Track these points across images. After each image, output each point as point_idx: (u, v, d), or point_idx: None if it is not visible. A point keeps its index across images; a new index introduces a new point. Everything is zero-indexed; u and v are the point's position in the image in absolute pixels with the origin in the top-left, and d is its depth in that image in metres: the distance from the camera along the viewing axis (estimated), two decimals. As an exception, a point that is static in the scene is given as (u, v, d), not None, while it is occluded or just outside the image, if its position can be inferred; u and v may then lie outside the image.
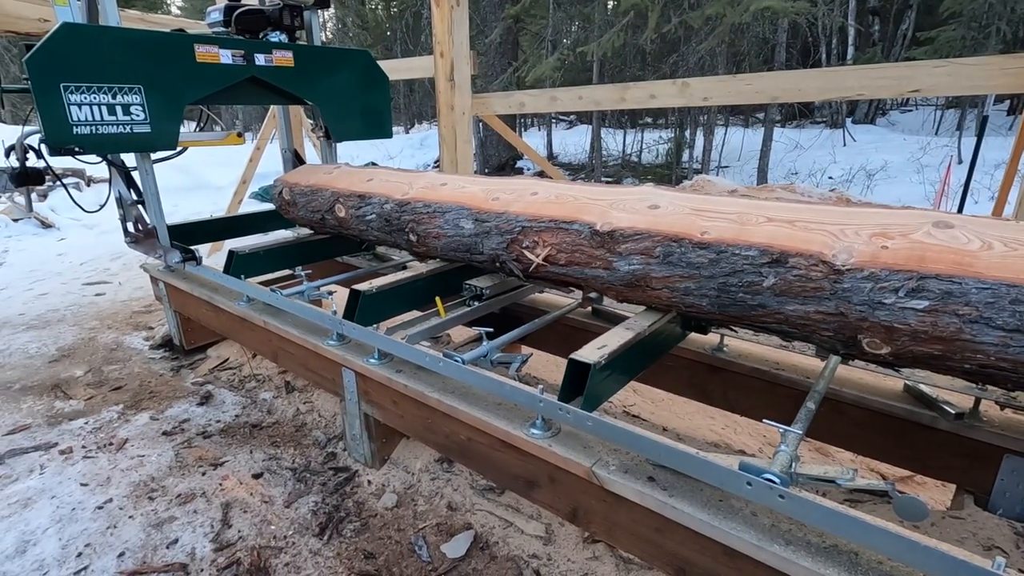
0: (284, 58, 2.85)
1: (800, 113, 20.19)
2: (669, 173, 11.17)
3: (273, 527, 1.77)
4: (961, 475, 1.58)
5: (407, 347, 1.72)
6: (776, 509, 1.06)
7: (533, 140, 20.02)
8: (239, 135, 3.04)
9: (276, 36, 2.99)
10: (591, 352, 1.39)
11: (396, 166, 3.76)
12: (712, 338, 1.98)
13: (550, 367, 2.73)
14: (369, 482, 1.99)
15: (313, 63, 2.99)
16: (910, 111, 19.71)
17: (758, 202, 1.48)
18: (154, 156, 2.64)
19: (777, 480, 1.05)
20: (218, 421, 2.40)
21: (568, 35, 8.78)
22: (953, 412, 1.51)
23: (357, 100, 3.24)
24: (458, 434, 1.65)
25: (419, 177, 2.28)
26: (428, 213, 2.06)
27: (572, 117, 21.88)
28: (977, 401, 1.53)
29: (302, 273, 2.43)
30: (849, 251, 1.21)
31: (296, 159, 3.60)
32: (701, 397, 2.05)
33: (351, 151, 14.98)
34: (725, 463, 1.12)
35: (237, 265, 2.54)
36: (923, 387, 1.62)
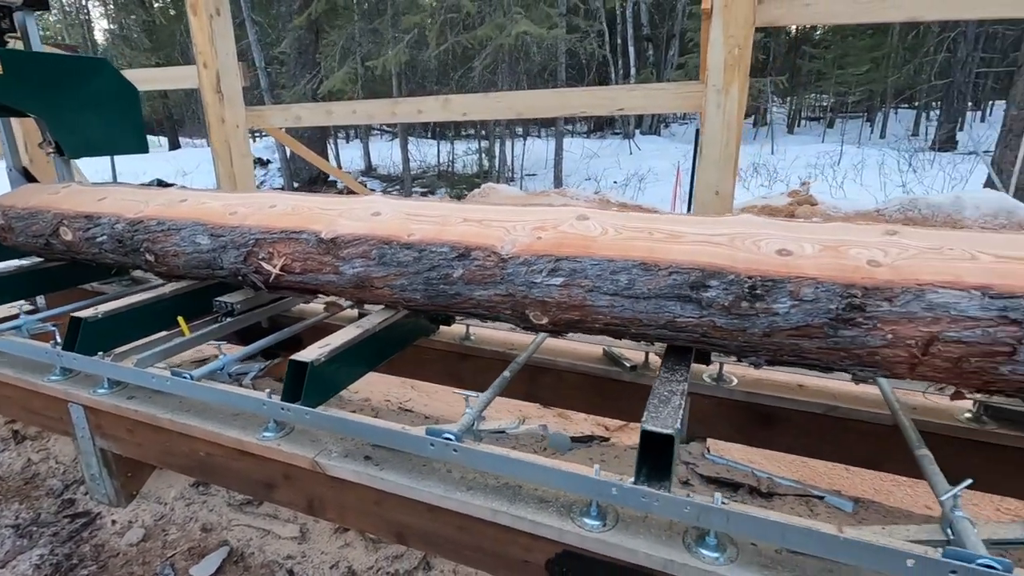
0: (-13, 64, 2.49)
1: (604, 125, 22.53)
2: (481, 181, 11.76)
3: (-20, 593, 1.57)
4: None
5: (133, 371, 1.65)
6: (454, 462, 1.26)
7: (351, 152, 19.60)
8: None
9: (-23, 39, 2.60)
10: (312, 352, 1.48)
11: (188, 184, 3.47)
12: (460, 329, 2.21)
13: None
14: (113, 522, 1.85)
15: (31, 71, 2.66)
16: (686, 124, 23.11)
17: (462, 205, 1.71)
18: None
19: (452, 437, 1.25)
20: (-85, 490, 2.03)
21: (362, 48, 8.84)
22: (629, 365, 1.89)
23: (95, 112, 2.95)
24: (197, 451, 1.63)
25: (158, 194, 2.18)
26: (163, 231, 1.98)
27: (396, 128, 21.84)
28: (646, 355, 1.94)
29: (24, 306, 2.17)
30: (514, 242, 1.48)
31: (27, 178, 3.14)
32: (457, 384, 2.26)
33: (136, 168, 13.20)
34: (415, 431, 1.30)
35: (-68, 304, 2.17)
36: (614, 349, 2.00)
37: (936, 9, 2.17)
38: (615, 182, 10.74)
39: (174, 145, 24.29)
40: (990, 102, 21.40)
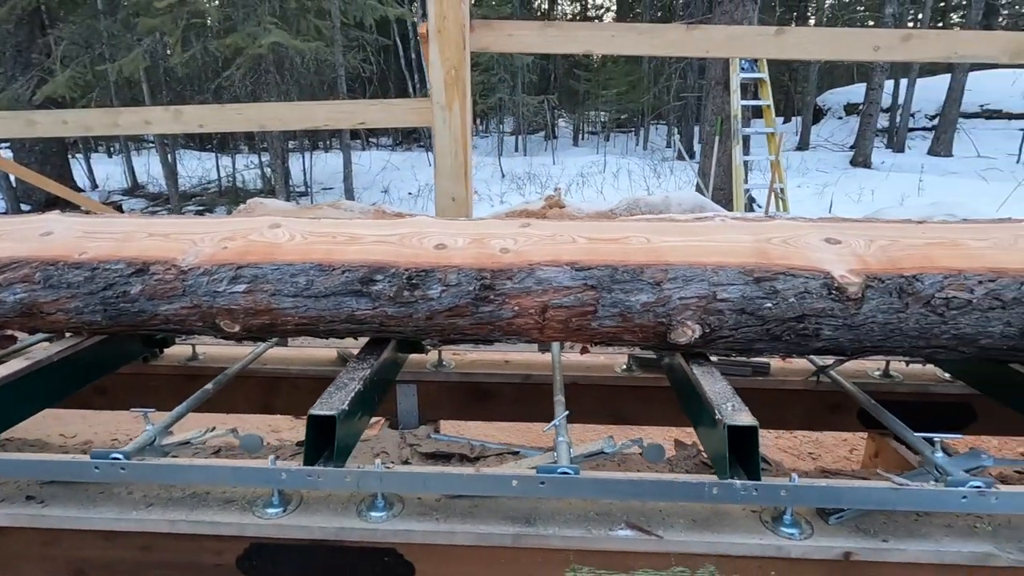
0: None
1: (407, 137, 22.70)
2: (272, 197, 11.07)
3: None
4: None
5: None
6: (125, 481, 1.24)
7: (112, 168, 16.86)
8: None
9: None
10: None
11: None
12: (185, 349, 2.10)
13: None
14: None
15: None
16: (487, 137, 24.40)
17: (150, 220, 1.66)
18: None
19: (121, 457, 1.22)
20: None
21: (94, 51, 7.69)
22: (357, 364, 2.00)
23: None
24: None
25: None
26: None
27: (167, 140, 19.34)
28: (374, 352, 2.07)
29: None
30: (197, 254, 1.48)
31: None
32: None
33: None
34: (81, 458, 1.23)
35: None
36: (348, 350, 2.10)
37: (601, 46, 2.70)
38: (409, 193, 10.96)
39: None
40: (718, 120, 26.48)
